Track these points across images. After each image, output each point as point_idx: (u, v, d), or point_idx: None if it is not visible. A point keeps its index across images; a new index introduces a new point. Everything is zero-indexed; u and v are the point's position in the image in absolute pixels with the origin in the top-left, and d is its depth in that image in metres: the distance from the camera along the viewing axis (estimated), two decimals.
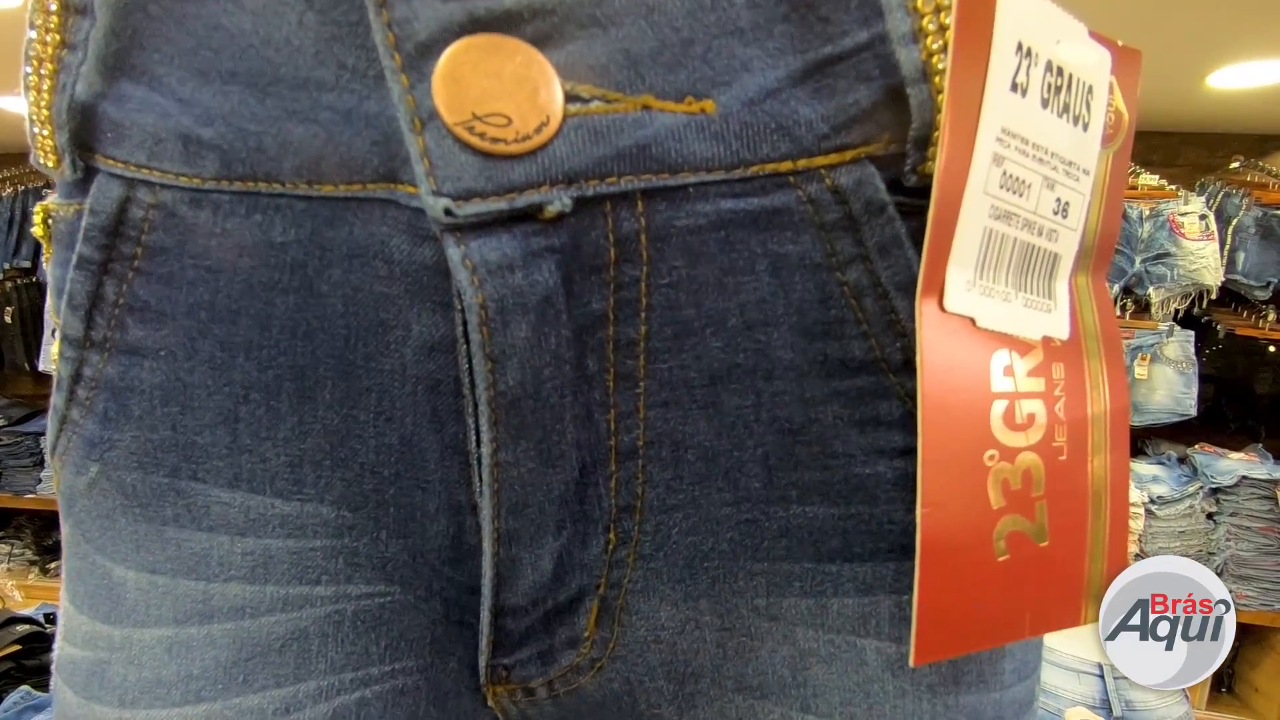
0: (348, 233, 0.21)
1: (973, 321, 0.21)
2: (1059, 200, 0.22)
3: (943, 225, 0.20)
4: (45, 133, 0.22)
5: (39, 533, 2.77)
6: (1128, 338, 2.32)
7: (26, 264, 2.91)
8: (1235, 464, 2.16)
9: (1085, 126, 0.22)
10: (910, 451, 0.21)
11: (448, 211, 0.18)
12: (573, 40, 0.19)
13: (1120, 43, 0.23)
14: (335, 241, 0.21)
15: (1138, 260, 2.30)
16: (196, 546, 0.23)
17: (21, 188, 2.95)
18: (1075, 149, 0.22)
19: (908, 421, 0.21)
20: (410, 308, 0.21)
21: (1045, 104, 0.21)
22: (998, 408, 0.21)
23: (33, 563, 2.71)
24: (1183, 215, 2.24)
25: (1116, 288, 2.32)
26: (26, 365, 3.00)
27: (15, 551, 2.73)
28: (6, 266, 2.91)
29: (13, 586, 1.86)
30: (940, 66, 0.19)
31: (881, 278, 0.21)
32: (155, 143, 0.21)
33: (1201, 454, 2.15)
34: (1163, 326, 2.34)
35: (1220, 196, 2.36)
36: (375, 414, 0.22)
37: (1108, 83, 0.22)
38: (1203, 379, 2.18)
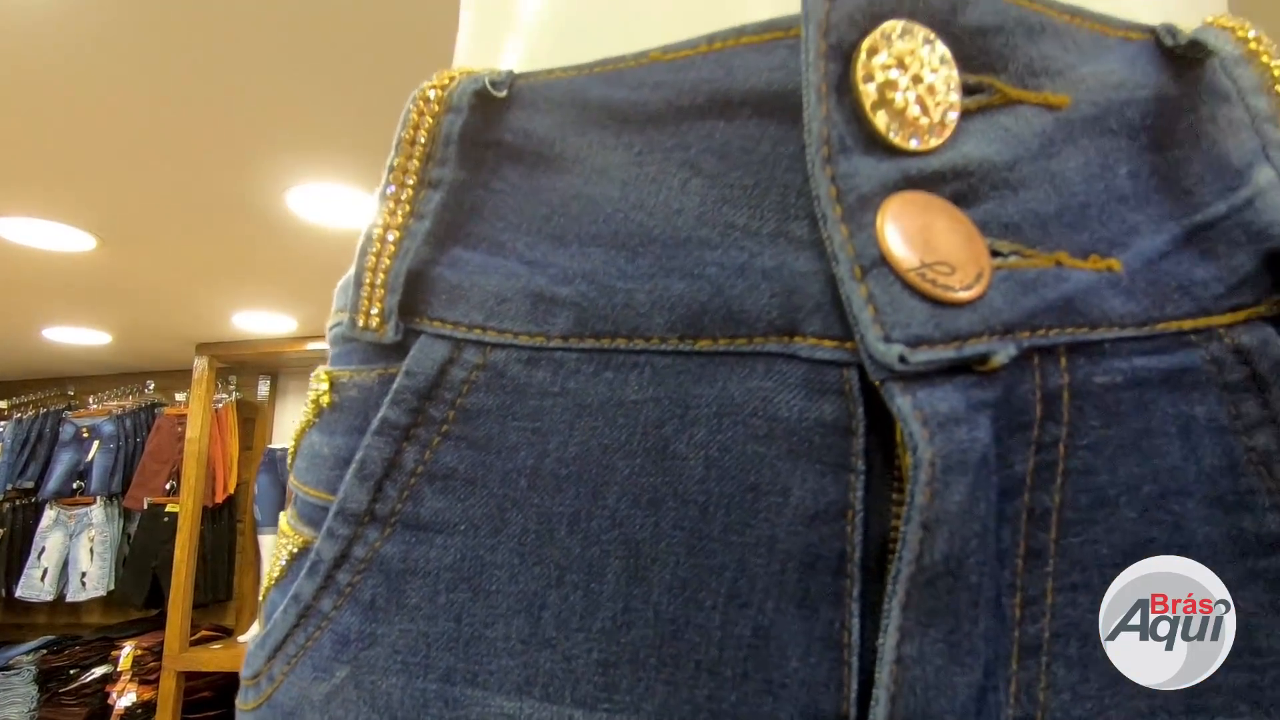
0: (720, 389, 0.19)
1: None
2: None
3: None
4: (378, 296, 0.22)
5: None
6: None
7: (29, 484, 2.83)
8: None
9: None
10: None
11: (901, 359, 0.17)
12: (987, 200, 0.19)
13: None
14: (703, 399, 0.19)
15: None
16: None
17: (43, 410, 2.96)
18: None
19: None
20: (792, 470, 0.19)
21: None
22: None
23: None
24: None
25: None
26: (3, 591, 2.81)
27: None
28: (9, 487, 2.83)
29: None
30: None
31: None
32: (498, 303, 0.21)
33: None
34: None
35: None
36: (727, 598, 0.19)
37: None
38: None
